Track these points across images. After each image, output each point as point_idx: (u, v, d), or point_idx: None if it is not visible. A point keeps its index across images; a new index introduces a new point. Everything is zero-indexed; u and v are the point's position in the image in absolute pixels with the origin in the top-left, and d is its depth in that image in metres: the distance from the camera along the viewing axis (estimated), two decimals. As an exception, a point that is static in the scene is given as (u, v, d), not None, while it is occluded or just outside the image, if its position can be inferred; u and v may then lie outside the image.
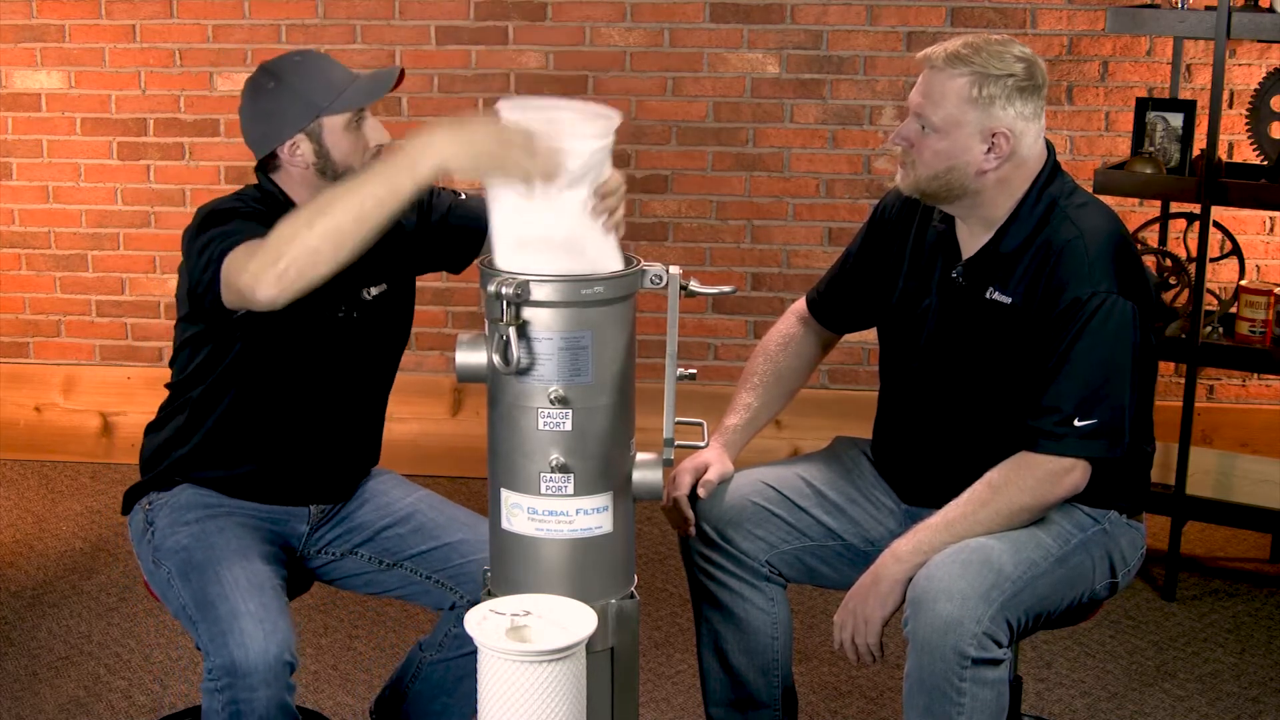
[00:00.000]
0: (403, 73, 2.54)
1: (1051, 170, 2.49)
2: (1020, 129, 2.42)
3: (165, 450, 2.60)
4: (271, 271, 2.16)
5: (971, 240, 2.52)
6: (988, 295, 2.48)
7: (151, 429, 2.66)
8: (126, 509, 2.66)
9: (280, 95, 2.45)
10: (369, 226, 2.14)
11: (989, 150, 2.42)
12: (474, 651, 2.57)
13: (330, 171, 2.47)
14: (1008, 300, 2.46)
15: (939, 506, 2.46)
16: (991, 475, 2.42)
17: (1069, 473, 2.39)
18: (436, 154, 2.09)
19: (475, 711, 2.69)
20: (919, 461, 2.62)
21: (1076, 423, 2.36)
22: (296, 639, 2.40)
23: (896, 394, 2.67)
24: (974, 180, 2.44)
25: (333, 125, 2.46)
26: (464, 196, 2.70)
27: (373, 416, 2.72)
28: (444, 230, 2.67)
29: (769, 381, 2.76)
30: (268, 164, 2.51)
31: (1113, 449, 2.40)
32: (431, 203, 2.67)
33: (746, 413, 2.73)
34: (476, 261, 2.20)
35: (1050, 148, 2.50)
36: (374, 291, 2.59)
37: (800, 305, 2.82)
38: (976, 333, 2.50)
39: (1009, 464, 2.41)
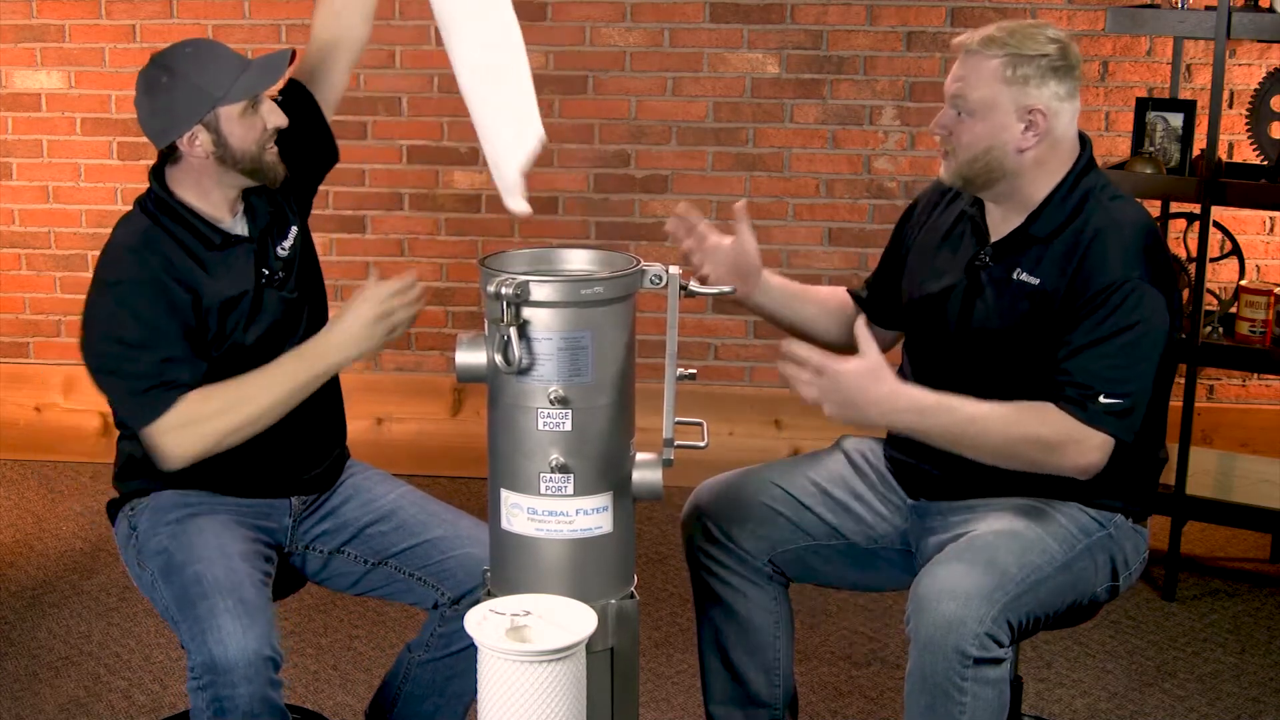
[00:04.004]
0: (294, 53, 2.56)
1: (1088, 162, 2.50)
2: (1055, 108, 2.44)
3: (137, 462, 2.56)
4: (196, 449, 2.44)
5: (1003, 224, 2.53)
6: (1015, 276, 2.49)
7: (122, 436, 2.62)
8: (111, 516, 2.65)
9: (174, 88, 2.46)
10: (288, 409, 2.46)
11: (1026, 128, 2.43)
12: (462, 650, 2.58)
13: (230, 159, 2.48)
14: (1035, 281, 2.46)
15: (947, 501, 2.47)
16: (1020, 403, 2.39)
17: (1094, 449, 2.36)
18: (341, 353, 2.43)
19: (467, 711, 2.71)
20: (937, 451, 2.60)
21: (1103, 399, 2.36)
22: (279, 634, 2.39)
23: (921, 379, 2.65)
24: (1014, 159, 2.45)
25: (229, 114, 2.46)
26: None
27: (326, 388, 2.60)
28: (315, 126, 2.71)
29: (815, 294, 2.81)
30: (167, 155, 2.52)
31: (1131, 431, 2.40)
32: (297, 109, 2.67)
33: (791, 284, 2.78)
34: (476, 262, 2.19)
35: (1085, 141, 2.52)
36: (287, 245, 2.61)
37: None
38: (1003, 313, 2.49)
39: (1040, 404, 2.39)
